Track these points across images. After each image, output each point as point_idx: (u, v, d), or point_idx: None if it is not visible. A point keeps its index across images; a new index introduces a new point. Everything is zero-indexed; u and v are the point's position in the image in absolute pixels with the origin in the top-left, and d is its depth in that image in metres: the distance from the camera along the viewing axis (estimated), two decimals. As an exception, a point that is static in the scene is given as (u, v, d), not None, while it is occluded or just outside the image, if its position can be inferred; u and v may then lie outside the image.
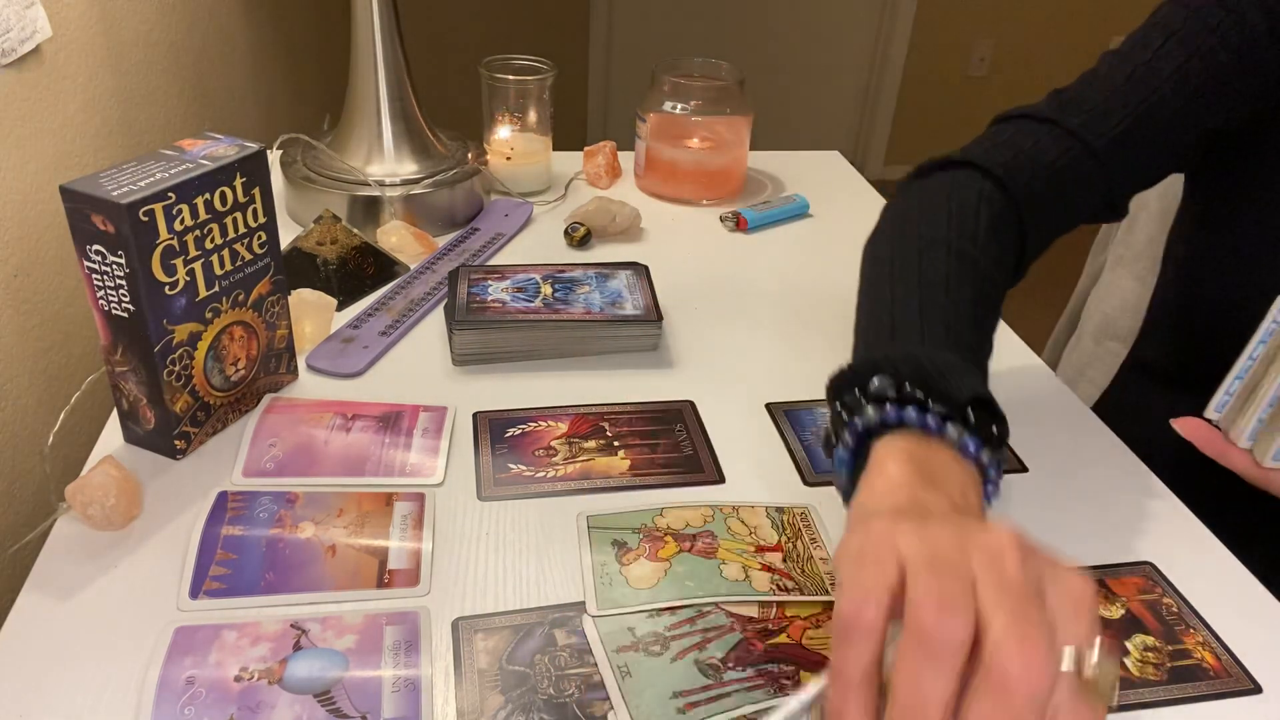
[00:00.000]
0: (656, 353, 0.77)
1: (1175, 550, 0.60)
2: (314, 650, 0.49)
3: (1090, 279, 1.22)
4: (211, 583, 0.53)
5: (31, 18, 0.76)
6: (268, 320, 0.65)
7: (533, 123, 1.01)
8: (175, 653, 0.49)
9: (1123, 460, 0.68)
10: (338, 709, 0.47)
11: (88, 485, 0.56)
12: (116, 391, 0.61)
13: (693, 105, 1.02)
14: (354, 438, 0.64)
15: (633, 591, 0.54)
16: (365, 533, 0.57)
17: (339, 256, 0.82)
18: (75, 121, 0.84)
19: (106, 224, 0.54)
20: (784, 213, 1.01)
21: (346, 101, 0.92)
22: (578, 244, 0.91)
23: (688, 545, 0.57)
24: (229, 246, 0.60)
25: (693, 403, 0.71)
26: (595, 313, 0.75)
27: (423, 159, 0.93)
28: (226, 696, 0.47)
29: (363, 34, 0.88)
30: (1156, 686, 0.50)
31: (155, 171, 0.56)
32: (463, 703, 0.47)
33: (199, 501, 0.58)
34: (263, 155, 0.61)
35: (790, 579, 0.55)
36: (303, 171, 0.91)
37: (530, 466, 0.63)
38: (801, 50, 3.17)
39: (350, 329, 0.76)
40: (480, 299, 0.75)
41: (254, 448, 0.63)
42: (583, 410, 0.69)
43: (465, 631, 0.51)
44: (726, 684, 0.48)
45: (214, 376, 0.63)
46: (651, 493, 0.62)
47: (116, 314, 0.57)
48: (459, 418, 0.68)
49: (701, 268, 0.90)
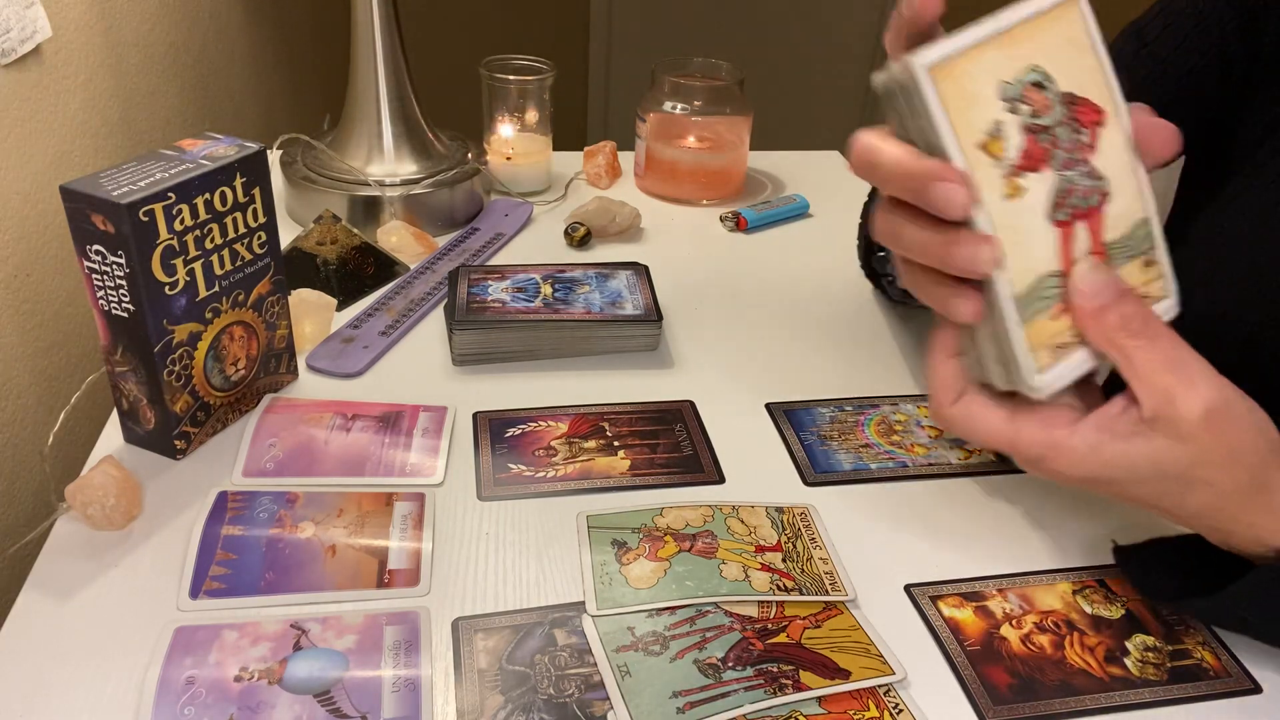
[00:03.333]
0: (656, 353, 0.77)
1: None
2: (314, 650, 0.49)
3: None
4: (211, 583, 0.53)
5: (31, 18, 0.76)
6: (268, 320, 0.65)
7: (533, 123, 1.01)
8: (175, 653, 0.49)
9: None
10: (338, 709, 0.47)
11: (88, 485, 0.56)
12: (116, 391, 0.61)
13: (693, 105, 1.02)
14: (354, 438, 0.64)
15: (632, 591, 0.54)
16: (365, 533, 0.57)
17: (339, 256, 0.82)
18: (75, 121, 0.84)
19: (106, 224, 0.54)
20: (784, 213, 1.01)
21: (346, 101, 0.92)
22: (578, 244, 0.91)
23: (687, 545, 0.57)
24: (229, 246, 0.60)
25: (693, 403, 0.71)
26: (595, 313, 0.75)
27: (423, 159, 0.93)
28: (226, 696, 0.47)
29: (363, 34, 0.88)
30: (1156, 686, 0.50)
31: (155, 171, 0.56)
32: (463, 703, 0.47)
33: (199, 501, 0.58)
34: (263, 155, 0.61)
35: (790, 579, 0.55)
36: (303, 171, 0.91)
37: (530, 466, 0.63)
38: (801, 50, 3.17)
39: (350, 329, 0.76)
40: (480, 299, 0.75)
41: (254, 448, 0.63)
42: (583, 410, 0.69)
43: (465, 631, 0.51)
44: (726, 683, 0.48)
45: (214, 376, 0.63)
46: (651, 493, 0.62)
47: (116, 314, 0.57)
48: (459, 418, 0.68)
49: (701, 268, 0.90)
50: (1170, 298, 0.47)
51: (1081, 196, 0.44)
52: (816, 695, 0.48)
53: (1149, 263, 0.46)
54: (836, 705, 0.48)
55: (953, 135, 0.41)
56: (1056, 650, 0.52)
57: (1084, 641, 0.53)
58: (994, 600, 0.55)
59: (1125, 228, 0.45)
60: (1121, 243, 0.45)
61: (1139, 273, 0.46)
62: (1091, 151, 0.44)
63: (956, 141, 0.41)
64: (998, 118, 0.42)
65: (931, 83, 0.40)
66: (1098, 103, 0.44)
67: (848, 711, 0.48)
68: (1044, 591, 0.56)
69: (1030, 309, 0.44)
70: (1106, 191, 0.44)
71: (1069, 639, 0.53)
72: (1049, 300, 0.44)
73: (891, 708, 0.48)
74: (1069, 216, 0.44)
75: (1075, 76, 0.43)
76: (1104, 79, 0.44)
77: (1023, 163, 0.42)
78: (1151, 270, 0.47)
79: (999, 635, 0.53)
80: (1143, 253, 0.46)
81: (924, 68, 0.40)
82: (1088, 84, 0.43)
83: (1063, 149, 0.43)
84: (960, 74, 0.41)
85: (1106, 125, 0.44)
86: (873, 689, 0.49)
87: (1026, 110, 0.42)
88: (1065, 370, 0.45)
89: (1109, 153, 0.44)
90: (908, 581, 0.56)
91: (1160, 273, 0.47)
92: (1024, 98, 0.42)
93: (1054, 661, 0.51)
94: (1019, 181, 0.42)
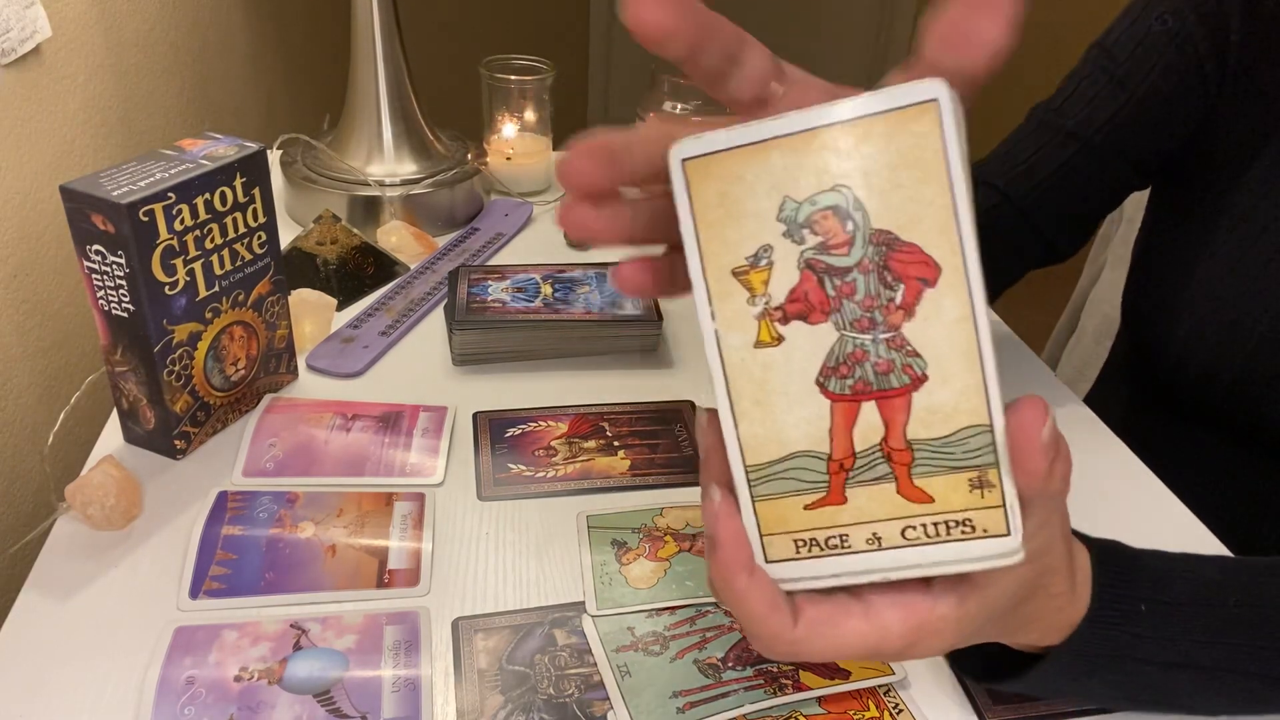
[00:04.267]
0: (656, 353, 0.77)
1: (1175, 548, 0.60)
2: (314, 650, 0.49)
3: (1090, 278, 1.22)
4: (211, 583, 0.53)
5: (31, 18, 0.76)
6: (268, 320, 0.65)
7: (533, 123, 1.01)
8: (175, 652, 0.49)
9: (1123, 458, 0.68)
10: (338, 709, 0.47)
11: (88, 485, 0.56)
12: (116, 391, 0.61)
13: (693, 105, 1.02)
14: (354, 438, 0.64)
15: (632, 591, 0.54)
16: (365, 533, 0.57)
17: (339, 256, 0.82)
18: (75, 121, 0.84)
19: (106, 224, 0.54)
20: (784, 213, 1.01)
21: (346, 101, 0.92)
22: (578, 244, 0.91)
23: (687, 545, 0.57)
24: (229, 246, 0.60)
25: (693, 403, 0.71)
26: (595, 313, 0.75)
27: (423, 159, 0.93)
28: (226, 696, 0.47)
29: (363, 34, 0.88)
30: (1156, 686, 0.50)
31: (155, 171, 0.56)
32: (463, 703, 0.47)
33: (199, 501, 0.58)
34: (263, 155, 0.61)
35: (790, 579, 0.55)
36: (303, 171, 0.91)
37: (530, 466, 0.63)
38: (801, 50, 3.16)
39: (350, 329, 0.76)
40: (480, 299, 0.75)
41: (254, 448, 0.63)
42: (583, 410, 0.69)
43: (465, 631, 0.51)
44: (726, 683, 0.48)
45: (214, 376, 0.63)
46: (651, 493, 0.62)
47: (116, 314, 0.57)
48: (459, 418, 0.68)
49: (701, 268, 0.90)
50: (1011, 536, 0.32)
51: (874, 371, 0.32)
52: (816, 695, 0.48)
53: (983, 484, 0.32)
54: (836, 705, 0.48)
55: (696, 251, 0.32)
56: (1056, 650, 0.52)
57: (1084, 641, 0.53)
58: (994, 600, 0.55)
59: (948, 430, 0.32)
60: (939, 446, 0.32)
61: (964, 493, 0.32)
62: (905, 316, 0.32)
63: (699, 260, 0.32)
64: (769, 241, 0.31)
65: (684, 180, 0.31)
66: (930, 254, 0.31)
67: (848, 711, 0.48)
68: (1044, 591, 0.56)
69: (768, 486, 0.34)
70: (921, 375, 0.32)
71: (1069, 639, 0.53)
72: (803, 486, 0.34)
73: (891, 708, 0.48)
74: (849, 391, 0.32)
75: (904, 210, 0.31)
76: (951, 223, 0.30)
77: (790, 306, 0.32)
78: (985, 494, 0.33)
79: (999, 635, 0.53)
80: (974, 468, 0.32)
81: (678, 158, 0.31)
82: (922, 225, 0.31)
83: (857, 303, 0.32)
84: (729, 176, 0.31)
85: (939, 289, 0.31)
86: (873, 689, 0.49)
87: (814, 241, 0.31)
88: (808, 571, 0.34)
89: (936, 326, 0.31)
90: (908, 581, 0.56)
91: (999, 500, 0.32)
92: (811, 224, 0.31)
93: (1054, 661, 0.51)
94: (779, 329, 0.32)
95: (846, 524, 0.34)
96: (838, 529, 0.34)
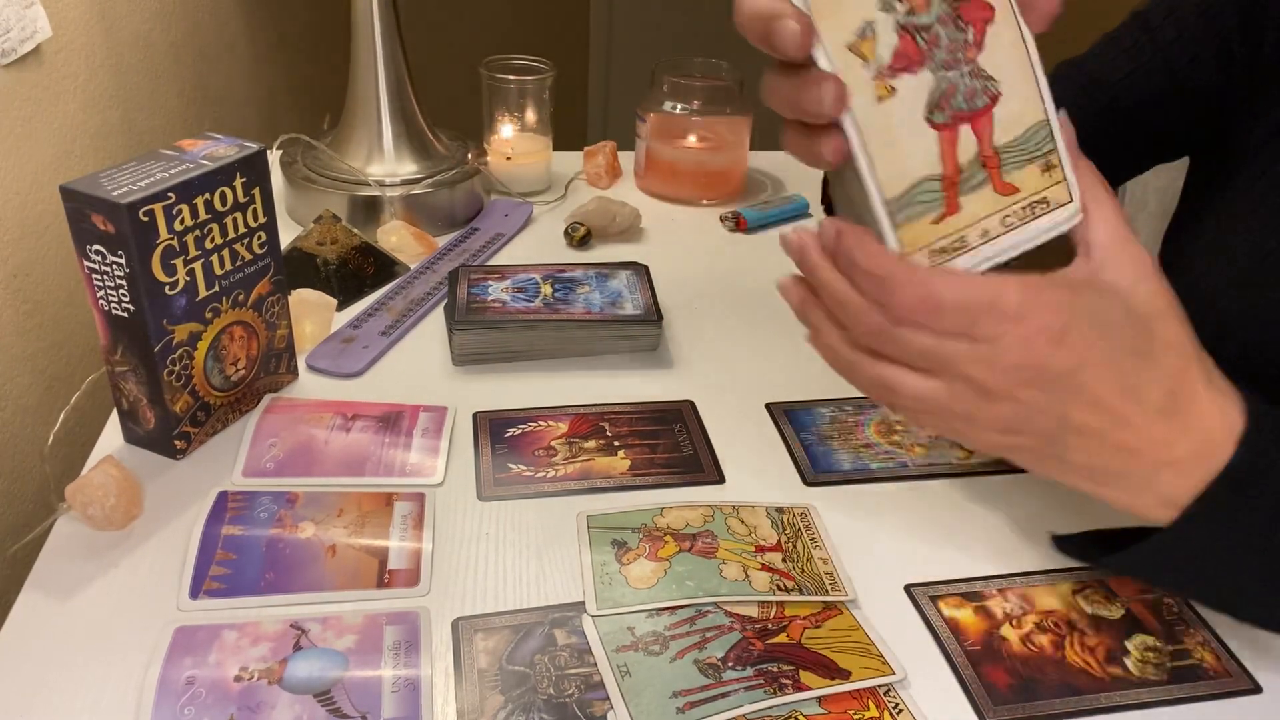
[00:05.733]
0: (656, 353, 0.77)
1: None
2: (314, 650, 0.49)
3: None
4: (211, 583, 0.53)
5: (31, 18, 0.76)
6: (268, 320, 0.65)
7: (533, 123, 1.01)
8: (175, 653, 0.49)
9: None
10: (338, 709, 0.47)
11: (88, 485, 0.56)
12: (116, 391, 0.61)
13: (693, 105, 1.02)
14: (354, 438, 0.64)
15: (632, 591, 0.54)
16: (365, 533, 0.57)
17: (339, 256, 0.82)
18: (75, 121, 0.84)
19: (106, 224, 0.54)
20: (784, 213, 1.01)
21: (346, 101, 0.92)
22: (578, 244, 0.91)
23: (687, 545, 0.57)
24: (229, 246, 0.60)
25: (693, 403, 0.71)
26: (595, 313, 0.75)
27: (423, 159, 0.93)
28: (226, 696, 0.47)
29: (363, 34, 0.88)
30: (1156, 686, 0.50)
31: (155, 171, 0.56)
32: (463, 703, 0.47)
33: (199, 501, 0.58)
34: (263, 155, 0.61)
35: (790, 579, 0.55)
36: (303, 171, 0.91)
37: (530, 466, 0.64)
38: (801, 50, 3.17)
39: (350, 329, 0.76)
40: (480, 299, 0.75)
41: (254, 448, 0.63)
42: (583, 410, 0.69)
43: (465, 631, 0.51)
44: (726, 683, 0.48)
45: (214, 376, 0.63)
46: (651, 493, 0.62)
47: (116, 314, 0.57)
48: (459, 418, 0.68)
49: (701, 268, 0.90)
50: (1074, 202, 0.45)
51: (965, 98, 0.42)
52: (816, 695, 0.48)
53: (1049, 166, 0.44)
54: (836, 705, 0.48)
55: (817, 34, 0.39)
56: (1057, 650, 0.52)
57: (1084, 642, 0.53)
58: (994, 600, 0.55)
59: (1020, 130, 0.43)
60: (1016, 146, 0.43)
61: (1038, 177, 0.44)
62: (977, 50, 0.42)
63: (821, 41, 0.39)
64: (869, 17, 0.40)
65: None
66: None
67: (848, 711, 0.48)
68: (1044, 592, 0.56)
69: (905, 212, 0.42)
70: (996, 93, 0.42)
71: (1069, 639, 0.53)
72: (928, 205, 0.42)
73: (891, 708, 0.48)
74: (949, 119, 0.42)
75: None
76: None
77: (895, 63, 0.40)
78: (1052, 174, 0.44)
79: (999, 635, 0.53)
80: (1042, 155, 0.44)
81: None
82: None
83: (943, 48, 0.41)
84: None
85: (996, 23, 0.42)
86: (873, 689, 0.49)
87: (902, 9, 0.40)
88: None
89: (999, 52, 0.42)
90: (908, 581, 0.56)
91: (1062, 176, 0.44)
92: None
93: (1054, 661, 0.51)
94: (891, 83, 0.41)
95: (963, 227, 0.43)
96: (958, 232, 0.43)
